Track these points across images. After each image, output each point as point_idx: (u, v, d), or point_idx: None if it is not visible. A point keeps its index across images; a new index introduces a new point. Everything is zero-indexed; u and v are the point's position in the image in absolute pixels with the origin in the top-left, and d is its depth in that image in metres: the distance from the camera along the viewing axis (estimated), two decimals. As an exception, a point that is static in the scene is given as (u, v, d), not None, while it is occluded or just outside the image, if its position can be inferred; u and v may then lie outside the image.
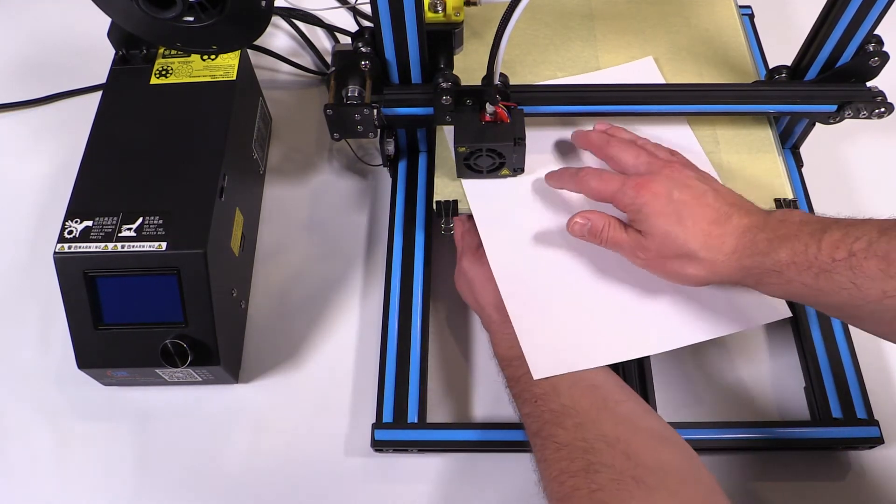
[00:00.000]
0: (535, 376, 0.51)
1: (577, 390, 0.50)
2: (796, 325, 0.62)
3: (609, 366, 0.53)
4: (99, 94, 0.64)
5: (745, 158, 0.62)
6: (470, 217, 0.61)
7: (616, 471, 0.44)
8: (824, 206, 0.66)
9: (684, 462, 0.47)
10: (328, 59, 0.80)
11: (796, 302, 0.48)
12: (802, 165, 0.69)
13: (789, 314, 0.54)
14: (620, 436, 0.46)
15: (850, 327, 0.60)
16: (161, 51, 0.66)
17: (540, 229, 0.58)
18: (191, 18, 0.54)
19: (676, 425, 0.56)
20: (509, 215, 0.59)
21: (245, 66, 0.67)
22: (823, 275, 0.44)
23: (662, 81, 0.66)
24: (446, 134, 0.63)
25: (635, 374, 0.58)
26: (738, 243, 0.49)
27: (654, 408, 0.56)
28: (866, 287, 0.43)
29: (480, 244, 0.60)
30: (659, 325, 0.54)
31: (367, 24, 0.82)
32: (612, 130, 0.60)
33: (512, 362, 0.53)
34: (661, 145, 0.58)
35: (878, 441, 0.55)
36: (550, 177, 0.59)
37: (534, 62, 0.68)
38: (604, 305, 0.55)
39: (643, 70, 0.67)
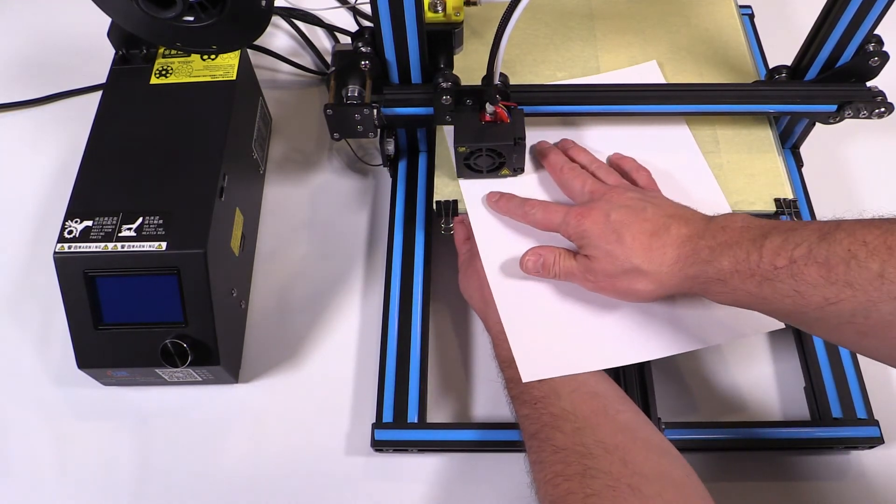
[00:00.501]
0: (524, 379, 0.52)
1: (577, 396, 0.50)
2: (796, 325, 0.62)
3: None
4: (99, 94, 0.64)
5: (745, 158, 0.62)
6: None
7: (612, 477, 0.44)
8: (824, 206, 0.66)
9: (681, 474, 0.47)
10: (328, 59, 0.81)
11: (745, 309, 0.47)
12: (802, 165, 0.69)
13: (781, 325, 0.53)
14: (619, 443, 0.46)
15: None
16: (161, 51, 0.66)
17: (535, 232, 0.58)
18: (191, 18, 0.54)
19: (676, 425, 0.56)
20: (505, 217, 0.59)
21: (245, 66, 0.67)
22: (766, 283, 0.44)
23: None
24: (446, 134, 0.63)
25: (635, 373, 0.58)
26: (679, 253, 0.49)
27: (655, 407, 0.56)
28: (808, 294, 0.42)
29: None
30: (650, 333, 0.54)
31: (367, 24, 0.82)
32: (572, 152, 0.61)
33: (513, 364, 0.53)
34: (615, 169, 0.59)
35: (878, 441, 0.55)
36: (496, 204, 0.59)
37: (534, 62, 0.68)
38: (596, 311, 0.55)
39: (647, 74, 0.67)
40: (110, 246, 0.55)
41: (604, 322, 0.55)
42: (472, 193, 0.60)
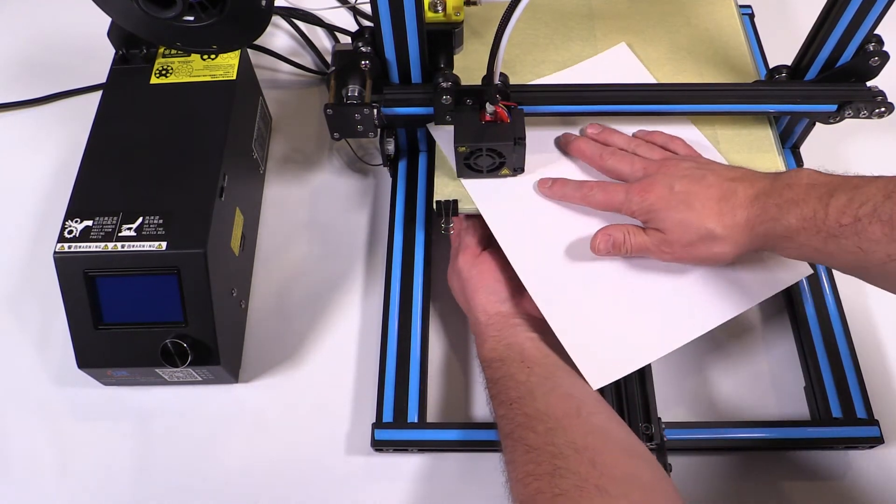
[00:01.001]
0: (595, 386, 0.52)
1: (553, 397, 0.50)
2: (796, 325, 0.62)
3: None
4: (99, 94, 0.64)
5: (746, 158, 0.62)
6: (469, 216, 0.61)
7: (580, 477, 0.44)
8: (824, 205, 0.66)
9: (651, 475, 0.47)
10: (328, 59, 0.81)
11: (810, 262, 0.50)
12: (802, 165, 0.69)
13: (810, 271, 0.56)
14: (589, 444, 0.47)
15: (850, 327, 0.60)
16: (161, 50, 0.66)
17: (560, 229, 0.58)
18: (191, 18, 0.54)
19: (676, 425, 0.56)
20: (524, 218, 0.59)
21: (245, 66, 0.67)
22: (832, 239, 0.45)
23: (640, 66, 0.66)
24: (445, 134, 0.63)
25: (635, 374, 0.57)
26: (749, 213, 0.50)
27: (655, 407, 0.56)
28: (871, 251, 0.44)
29: (480, 244, 0.60)
30: (695, 306, 0.55)
31: (367, 23, 0.82)
32: (603, 136, 0.61)
33: (492, 364, 0.54)
34: (654, 144, 0.60)
35: (878, 441, 0.55)
36: (549, 189, 0.59)
37: (534, 62, 0.68)
38: (639, 297, 0.56)
39: (619, 58, 0.67)
40: (110, 246, 0.55)
41: (650, 307, 0.55)
42: (482, 195, 0.60)
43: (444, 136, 0.62)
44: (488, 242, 0.60)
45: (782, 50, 0.66)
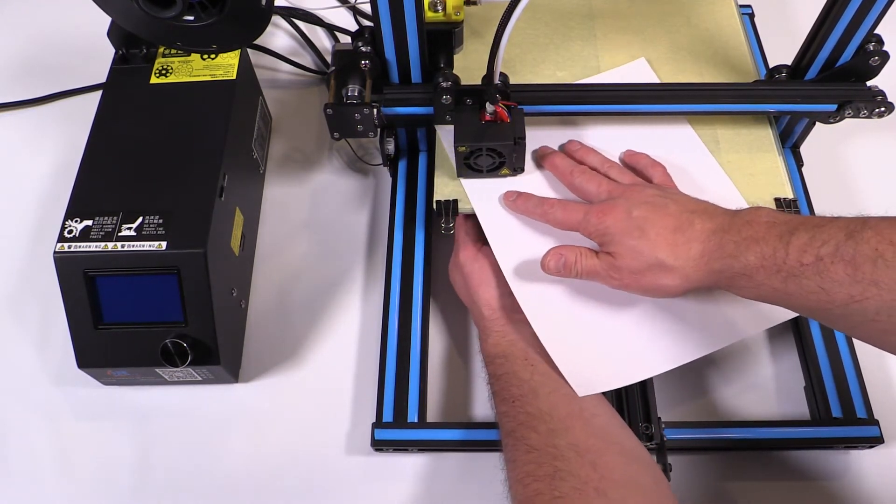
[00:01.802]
0: (581, 394, 0.51)
1: (556, 397, 0.50)
2: (796, 325, 0.62)
3: None
4: (99, 94, 0.64)
5: (746, 158, 0.62)
6: (470, 216, 0.61)
7: (581, 480, 0.44)
8: (824, 205, 0.66)
9: (650, 481, 0.47)
10: (328, 59, 0.80)
11: (768, 303, 0.48)
12: (802, 165, 0.69)
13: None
14: (591, 447, 0.47)
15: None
16: (161, 50, 0.66)
17: (552, 236, 0.57)
18: (191, 18, 0.54)
19: (676, 425, 0.56)
20: (517, 221, 0.59)
21: (245, 66, 0.67)
22: (792, 279, 0.44)
23: (657, 81, 0.66)
24: (445, 133, 0.63)
25: (635, 373, 0.58)
26: (704, 247, 0.49)
27: (655, 406, 0.56)
28: (834, 291, 0.42)
29: (480, 239, 0.60)
30: (686, 331, 0.54)
31: (367, 23, 0.82)
32: (580, 154, 0.60)
33: (495, 359, 0.54)
34: (629, 168, 0.59)
35: (878, 441, 0.55)
36: (513, 203, 0.58)
37: (534, 62, 0.68)
38: (631, 314, 0.55)
39: (637, 71, 0.67)
40: (110, 245, 0.55)
41: (642, 324, 0.54)
42: (478, 194, 0.60)
43: (449, 136, 0.61)
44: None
45: (782, 50, 0.66)
